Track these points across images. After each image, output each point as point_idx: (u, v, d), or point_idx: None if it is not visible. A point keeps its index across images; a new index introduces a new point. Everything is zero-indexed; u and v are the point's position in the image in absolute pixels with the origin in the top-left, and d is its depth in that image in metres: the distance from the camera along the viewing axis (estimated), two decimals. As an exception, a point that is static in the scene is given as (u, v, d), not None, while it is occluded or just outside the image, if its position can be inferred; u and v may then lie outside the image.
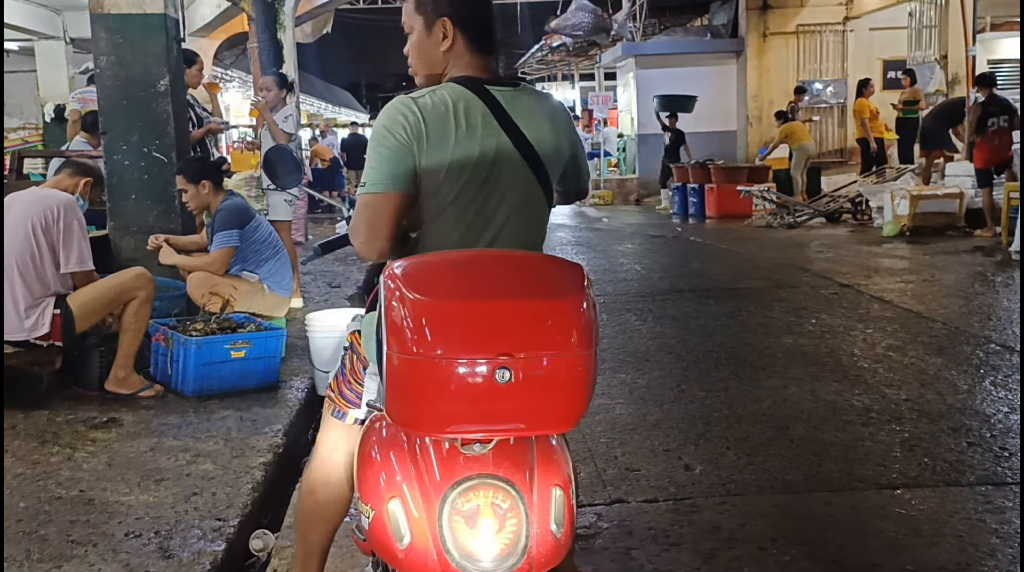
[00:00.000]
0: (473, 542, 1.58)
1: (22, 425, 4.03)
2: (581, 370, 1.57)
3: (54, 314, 4.18)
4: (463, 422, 1.56)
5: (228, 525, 3.05)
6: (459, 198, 2.01)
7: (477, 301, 1.59)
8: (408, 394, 1.58)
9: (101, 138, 5.61)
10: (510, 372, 1.51)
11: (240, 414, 4.21)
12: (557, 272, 1.73)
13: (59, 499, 3.24)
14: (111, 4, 5.32)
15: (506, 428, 1.59)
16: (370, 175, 1.99)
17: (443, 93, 2.03)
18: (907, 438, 3.96)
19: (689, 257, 10.17)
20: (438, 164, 1.98)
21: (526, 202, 2.09)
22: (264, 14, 9.84)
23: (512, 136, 2.04)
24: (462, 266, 1.74)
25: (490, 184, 2.03)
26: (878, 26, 18.01)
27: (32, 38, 14.29)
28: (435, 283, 1.62)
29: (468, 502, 1.59)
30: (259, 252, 5.26)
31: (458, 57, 2.11)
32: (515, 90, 2.10)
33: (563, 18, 19.21)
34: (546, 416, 1.59)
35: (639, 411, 4.45)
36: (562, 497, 1.66)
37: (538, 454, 1.68)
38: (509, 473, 1.62)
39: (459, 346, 1.52)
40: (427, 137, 1.97)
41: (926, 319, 6.23)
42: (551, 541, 1.62)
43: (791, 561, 2.90)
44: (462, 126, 1.99)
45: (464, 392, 1.52)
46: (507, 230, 2.06)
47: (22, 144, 13.73)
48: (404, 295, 1.56)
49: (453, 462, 1.62)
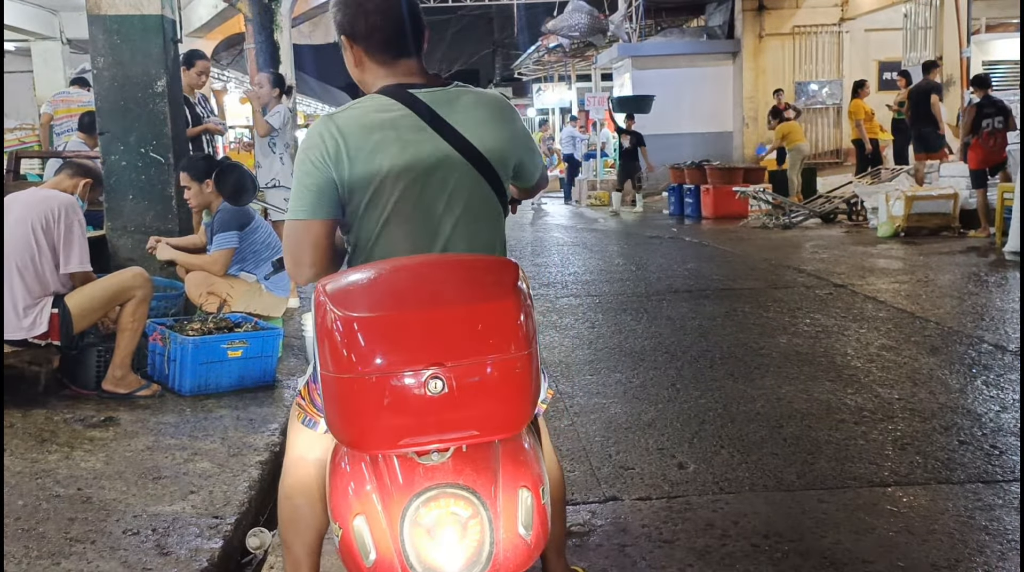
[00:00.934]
0: (436, 554, 1.55)
1: (20, 424, 4.05)
2: (519, 371, 1.55)
3: (52, 313, 4.20)
4: (414, 435, 1.53)
5: (225, 523, 3.07)
6: (399, 207, 1.98)
7: (404, 312, 1.56)
8: (346, 412, 1.55)
9: (98, 138, 5.63)
10: (443, 382, 1.49)
11: (237, 413, 4.23)
12: (488, 273, 1.70)
13: (57, 497, 3.26)
14: (108, 5, 5.34)
15: (460, 436, 1.56)
16: (292, 202, 1.99)
17: (365, 105, 2.01)
18: (899, 437, 3.99)
19: (685, 257, 10.20)
20: (367, 177, 1.95)
21: (475, 204, 2.04)
22: (260, 15, 9.85)
23: (449, 138, 2.00)
24: (389, 277, 1.70)
25: (432, 189, 1.99)
26: (874, 27, 18.09)
27: (29, 39, 14.32)
28: (361, 297, 1.60)
29: (428, 513, 1.56)
30: (258, 253, 5.28)
31: (371, 70, 2.08)
32: (447, 90, 2.06)
33: (560, 19, 19.25)
34: (492, 421, 1.56)
35: (634, 410, 4.48)
36: (531, 498, 1.62)
37: (503, 457, 1.64)
38: (470, 480, 1.58)
39: (389, 360, 1.49)
40: (347, 154, 1.94)
41: (920, 319, 6.26)
42: (520, 544, 1.59)
43: (783, 558, 2.92)
44: (389, 136, 1.96)
45: (401, 406, 1.49)
46: (457, 236, 2.02)
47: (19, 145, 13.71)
48: (332, 311, 1.54)
49: (413, 474, 1.59)
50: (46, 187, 4.58)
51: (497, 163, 2.07)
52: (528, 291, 1.65)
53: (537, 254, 10.77)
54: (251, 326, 4.78)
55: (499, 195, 2.11)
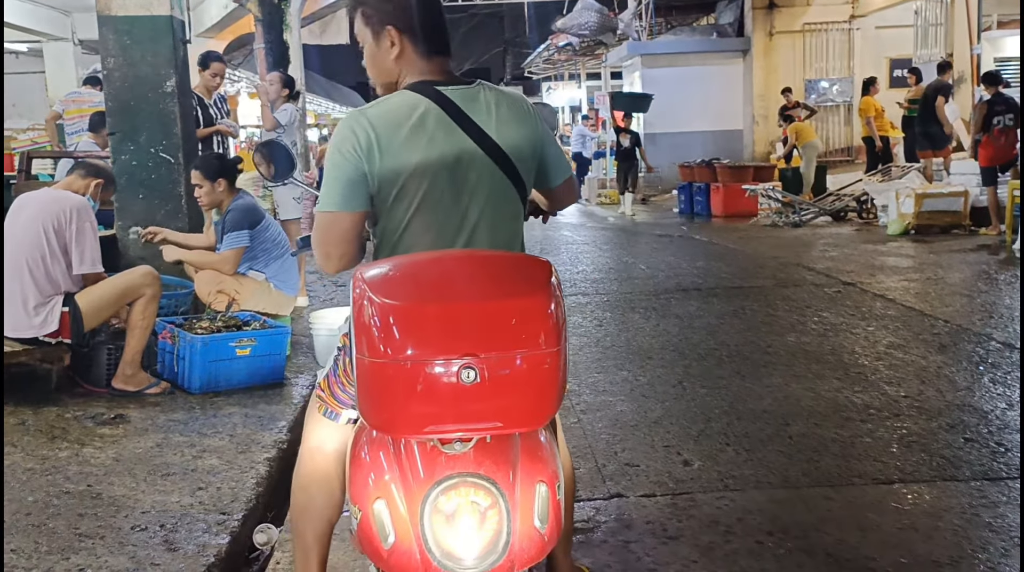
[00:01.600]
0: (454, 541, 1.59)
1: (31, 421, 4.10)
2: (548, 367, 1.59)
3: (63, 312, 4.24)
4: (440, 422, 1.57)
5: (232, 519, 3.10)
6: (425, 201, 2.02)
7: (442, 303, 1.60)
8: (379, 397, 1.59)
9: (108, 138, 5.68)
10: (475, 372, 1.52)
11: (245, 411, 4.27)
12: (523, 270, 1.74)
13: (67, 493, 3.30)
14: (119, 6, 5.39)
15: (481, 427, 1.60)
16: (322, 194, 2.03)
17: (396, 100, 2.05)
18: (905, 434, 3.99)
19: (694, 256, 10.20)
20: (395, 171, 1.99)
21: (497, 201, 2.09)
22: (270, 15, 9.89)
23: (473, 135, 2.04)
24: (427, 268, 1.75)
25: (456, 185, 2.03)
26: (884, 25, 18.01)
27: (41, 39, 14.41)
28: (400, 286, 1.64)
29: (448, 501, 1.60)
30: (268, 251, 5.30)
31: (409, 63, 2.12)
32: (471, 88, 2.10)
33: (569, 17, 19.24)
34: (517, 414, 1.59)
35: (640, 408, 4.49)
36: (547, 493, 1.66)
37: (522, 451, 1.68)
38: (490, 471, 1.62)
39: (425, 348, 1.53)
40: (379, 148, 1.98)
41: (928, 317, 6.25)
42: (535, 537, 1.63)
43: (787, 555, 2.93)
44: (418, 132, 2.00)
45: (433, 393, 1.53)
46: (481, 230, 2.07)
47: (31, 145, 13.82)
48: (371, 299, 1.58)
49: (435, 462, 1.63)
50: (58, 187, 4.63)
51: (518, 161, 2.11)
52: (560, 289, 1.68)
53: (547, 252, 10.79)
54: (260, 324, 4.81)
55: (519, 193, 2.14)
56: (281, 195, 7.21)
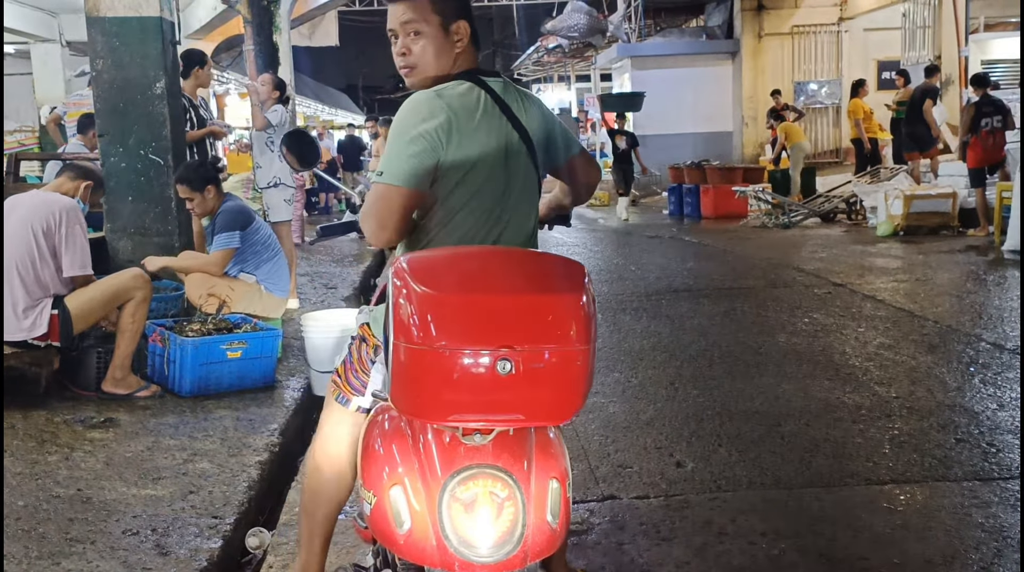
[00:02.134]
0: (471, 529, 1.63)
1: (21, 425, 4.07)
2: (579, 364, 1.61)
3: (52, 315, 4.22)
4: (465, 411, 1.61)
5: (224, 523, 3.09)
6: (483, 189, 2.08)
7: (481, 295, 1.64)
8: (413, 383, 1.62)
9: (97, 140, 5.64)
10: (511, 363, 1.55)
11: (237, 414, 4.25)
12: (559, 268, 1.78)
13: (57, 498, 3.28)
14: (107, 7, 5.35)
15: (505, 418, 1.63)
16: (389, 166, 2.01)
17: (460, 88, 2.09)
18: (897, 435, 4.00)
19: (684, 257, 10.21)
20: (465, 158, 2.04)
21: (527, 189, 2.18)
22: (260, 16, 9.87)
23: (514, 124, 2.13)
24: (468, 261, 1.81)
25: (507, 174, 2.11)
26: (872, 27, 18.10)
27: (28, 41, 14.34)
28: (441, 277, 1.67)
29: (467, 490, 1.64)
30: (258, 254, 5.28)
31: (465, 55, 2.18)
32: (500, 80, 2.20)
33: (559, 19, 19.26)
34: (544, 408, 1.63)
35: (632, 409, 4.49)
36: (558, 489, 1.70)
37: (536, 447, 1.73)
38: (508, 464, 1.67)
39: (463, 337, 1.56)
40: (458, 131, 2.03)
41: (918, 318, 6.27)
42: (547, 531, 1.67)
43: (780, 555, 2.94)
44: (484, 119, 2.08)
45: (467, 382, 1.56)
46: (513, 219, 2.14)
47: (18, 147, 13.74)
48: (412, 288, 1.61)
49: (454, 452, 1.67)
50: (48, 189, 4.60)
51: (541, 153, 2.22)
52: (592, 290, 1.72)
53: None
54: (250, 327, 4.80)
55: (539, 181, 2.25)
56: (272, 197, 7.17)
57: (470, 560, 1.62)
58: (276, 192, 7.10)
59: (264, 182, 7.10)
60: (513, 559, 1.63)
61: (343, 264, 9.13)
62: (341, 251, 10.03)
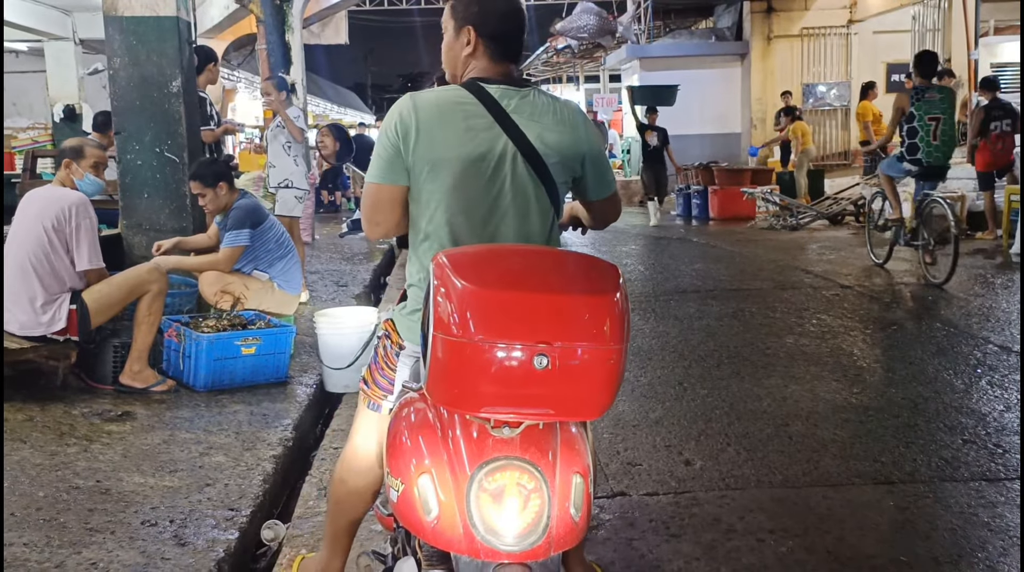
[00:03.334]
0: (498, 519, 1.67)
1: (39, 417, 4.13)
2: (612, 362, 1.65)
3: (70, 310, 4.28)
4: (498, 404, 1.65)
5: (240, 515, 3.14)
6: (454, 189, 2.14)
7: (520, 292, 1.68)
8: (450, 374, 1.66)
9: (114, 137, 5.71)
10: (547, 359, 1.59)
11: (251, 409, 4.31)
12: (595, 270, 1.82)
13: (77, 488, 3.34)
14: (125, 7, 5.43)
15: (537, 412, 1.68)
16: (370, 167, 2.21)
17: (446, 92, 2.20)
18: (904, 436, 4.04)
19: (692, 258, 10.24)
20: (427, 157, 2.13)
21: (526, 201, 2.19)
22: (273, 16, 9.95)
23: (510, 133, 2.15)
24: (507, 258, 1.87)
25: (486, 177, 2.15)
26: (882, 29, 18.08)
27: (42, 39, 14.42)
28: (481, 273, 1.71)
29: (495, 481, 1.68)
30: (271, 252, 5.34)
31: (478, 62, 2.25)
32: (520, 90, 2.21)
33: (568, 20, 19.29)
34: (576, 404, 1.67)
35: (641, 408, 4.54)
36: (582, 484, 1.74)
37: (562, 442, 1.77)
38: (535, 457, 1.71)
39: (501, 332, 1.61)
40: (416, 131, 2.12)
41: (926, 320, 6.30)
42: (570, 523, 1.71)
43: (788, 552, 2.98)
44: (457, 121, 2.14)
45: (502, 375, 1.61)
46: (505, 227, 2.17)
47: (32, 144, 13.86)
48: (452, 282, 1.66)
49: (483, 444, 1.72)
50: (56, 184, 4.61)
51: (554, 166, 2.21)
52: (627, 292, 1.76)
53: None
54: (264, 324, 4.85)
55: (551, 197, 2.23)
56: (282, 195, 7.26)
57: (496, 548, 1.66)
58: (287, 192, 7.21)
59: (276, 182, 7.19)
60: (538, 549, 1.67)
61: (353, 262, 9.19)
62: (351, 250, 10.09)
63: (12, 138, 14.57)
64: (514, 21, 2.27)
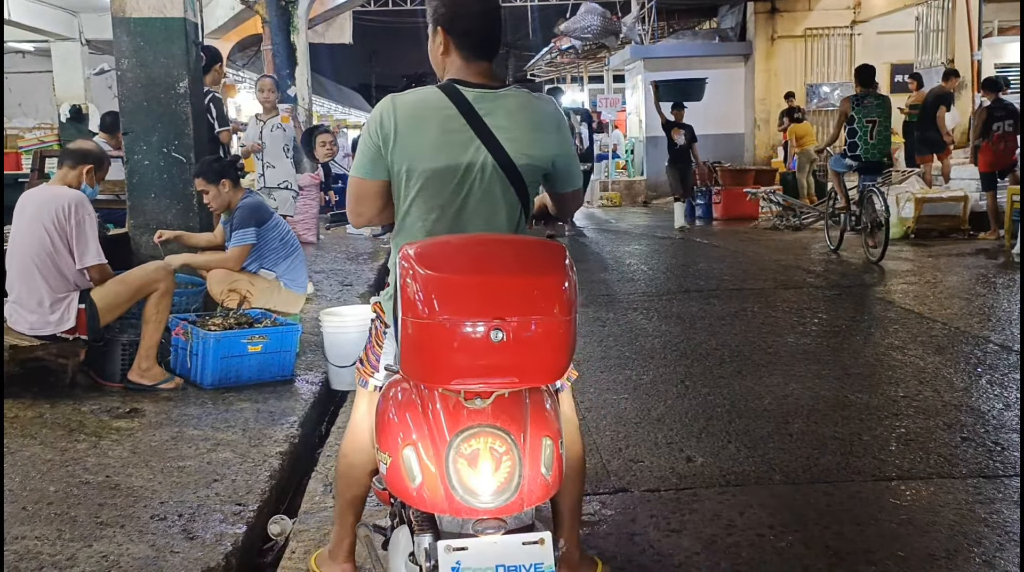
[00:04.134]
0: (474, 480, 1.85)
1: (49, 414, 4.18)
2: (562, 333, 1.85)
3: (79, 309, 4.33)
4: (466, 376, 1.83)
5: (248, 510, 3.19)
6: (426, 188, 2.29)
7: (477, 276, 1.89)
8: (420, 352, 1.86)
9: (122, 138, 5.76)
10: (503, 333, 1.78)
11: (257, 406, 4.35)
12: (543, 253, 2.00)
13: (87, 484, 3.39)
14: (133, 8, 5.48)
15: (501, 381, 1.86)
16: (355, 161, 2.40)
17: (424, 94, 2.32)
18: (903, 433, 4.08)
19: (695, 258, 10.29)
20: (403, 155, 2.28)
21: (493, 198, 2.31)
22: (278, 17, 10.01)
23: (484, 139, 2.26)
24: (465, 247, 2.05)
25: (456, 178, 2.28)
26: (886, 30, 18.08)
27: (48, 39, 14.50)
28: (442, 261, 1.91)
29: (470, 447, 1.86)
30: (276, 250, 5.39)
31: (452, 62, 2.36)
32: (496, 92, 2.30)
33: (572, 21, 19.31)
34: (534, 370, 1.87)
35: (643, 406, 4.58)
36: (551, 446, 1.91)
37: (532, 411, 1.95)
38: (505, 424, 1.89)
39: (461, 311, 1.80)
40: (395, 132, 2.26)
41: (927, 319, 6.34)
42: (541, 481, 1.89)
43: (788, 547, 3.02)
44: (432, 125, 2.26)
45: (465, 349, 1.80)
46: (476, 220, 2.30)
47: (38, 144, 13.94)
48: (416, 271, 1.86)
49: (458, 415, 1.89)
50: (54, 183, 4.59)
51: (525, 169, 2.32)
52: (573, 270, 1.95)
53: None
54: (270, 322, 4.90)
55: (519, 194, 2.34)
56: (280, 193, 7.37)
57: (474, 506, 1.84)
58: (284, 194, 7.33)
59: (274, 182, 7.29)
60: (511, 505, 1.85)
61: (358, 262, 9.23)
62: (356, 249, 10.13)
63: (18, 138, 14.66)
64: (484, 19, 2.33)
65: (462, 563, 1.81)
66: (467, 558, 1.81)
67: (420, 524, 1.95)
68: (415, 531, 1.96)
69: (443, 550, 1.81)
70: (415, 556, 1.93)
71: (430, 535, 1.90)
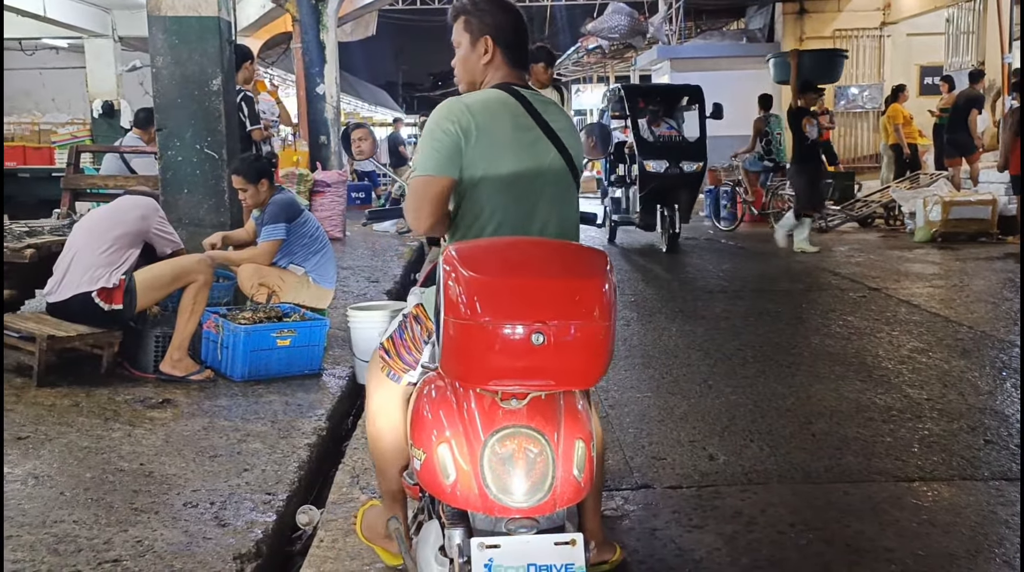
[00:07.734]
0: (508, 479, 1.88)
1: (85, 403, 4.29)
2: (601, 337, 1.87)
3: (120, 279, 4.48)
4: (504, 377, 1.86)
5: (277, 499, 3.27)
6: (505, 187, 2.37)
7: (519, 278, 1.91)
8: (460, 353, 1.89)
9: (155, 134, 5.88)
10: (543, 336, 1.81)
11: (285, 399, 4.44)
12: (585, 257, 2.04)
13: (122, 471, 3.48)
14: (168, 7, 5.58)
15: (538, 383, 1.89)
16: (419, 162, 2.40)
17: (488, 94, 2.43)
18: (926, 435, 4.09)
19: (720, 259, 10.29)
20: (486, 154, 2.35)
21: (563, 192, 2.47)
22: (309, 15, 10.10)
23: (547, 133, 2.43)
24: (507, 250, 2.11)
25: (532, 176, 2.38)
26: (915, 32, 17.98)
27: (82, 36, 14.71)
28: (485, 263, 1.94)
29: (505, 447, 1.89)
30: (307, 246, 5.47)
31: (496, 68, 2.51)
32: (542, 95, 2.50)
33: (599, 20, 19.34)
34: (571, 374, 1.89)
35: (667, 404, 4.62)
36: (583, 448, 1.94)
37: (565, 412, 1.97)
38: (540, 425, 1.92)
39: (503, 314, 1.83)
40: (476, 129, 2.34)
41: (953, 323, 6.32)
42: (573, 483, 1.91)
43: (808, 544, 3.05)
44: (508, 122, 2.38)
45: (505, 352, 1.83)
46: (551, 219, 2.41)
47: (71, 139, 14.15)
48: (460, 273, 1.88)
49: (494, 415, 1.93)
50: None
51: (576, 160, 2.52)
52: (613, 275, 1.98)
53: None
54: (299, 316, 4.98)
55: (576, 189, 2.54)
56: None
57: (507, 505, 1.87)
58: None
59: None
60: (544, 505, 1.88)
61: (384, 258, 9.32)
62: (382, 246, 10.22)
63: (52, 133, 14.89)
64: (524, 33, 2.55)
65: (495, 560, 1.85)
66: (500, 556, 1.85)
67: (452, 520, 1.98)
68: (446, 526, 2.00)
69: (476, 547, 1.85)
70: (446, 550, 1.98)
71: (461, 530, 1.95)
